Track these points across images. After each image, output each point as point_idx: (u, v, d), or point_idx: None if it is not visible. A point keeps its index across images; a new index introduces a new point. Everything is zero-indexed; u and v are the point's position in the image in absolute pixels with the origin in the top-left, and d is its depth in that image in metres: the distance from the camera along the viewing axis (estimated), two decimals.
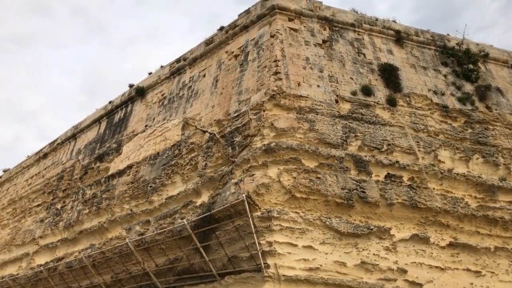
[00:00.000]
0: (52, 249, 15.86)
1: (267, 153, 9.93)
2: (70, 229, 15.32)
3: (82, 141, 18.44)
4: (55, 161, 19.49)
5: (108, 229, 13.73)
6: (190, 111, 13.42)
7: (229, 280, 9.40)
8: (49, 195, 17.91)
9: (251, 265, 9.02)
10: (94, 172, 16.14)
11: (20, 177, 21.98)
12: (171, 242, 10.78)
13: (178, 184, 12.18)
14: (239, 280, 9.22)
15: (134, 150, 14.73)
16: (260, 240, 8.96)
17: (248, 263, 9.11)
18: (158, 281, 10.81)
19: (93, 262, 12.84)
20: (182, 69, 15.15)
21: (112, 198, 14.11)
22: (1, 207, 21.31)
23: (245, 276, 9.08)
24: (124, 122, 16.40)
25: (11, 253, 17.72)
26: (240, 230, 9.24)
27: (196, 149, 12.16)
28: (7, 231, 19.16)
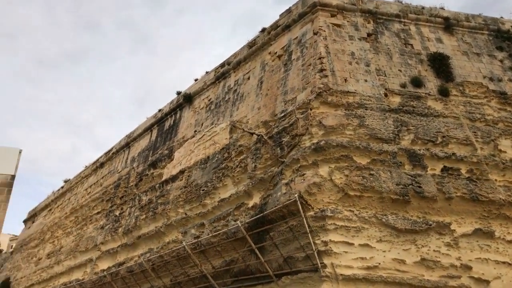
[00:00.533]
0: (113, 254, 16.55)
1: (317, 152, 9.85)
2: (129, 234, 15.91)
3: (135, 149, 19.11)
4: (111, 169, 20.34)
5: (164, 233, 14.14)
6: (237, 114, 13.56)
7: (286, 280, 9.40)
8: (107, 202, 18.71)
9: (308, 265, 8.98)
10: (148, 179, 16.67)
11: (80, 187, 23.12)
12: (226, 244, 10.94)
13: (229, 187, 12.33)
14: (296, 281, 9.20)
15: (185, 155, 15.09)
16: (315, 240, 8.90)
17: (304, 263, 9.07)
18: (216, 283, 11.00)
19: (152, 266, 13.27)
20: (227, 73, 15.34)
21: (167, 203, 14.53)
22: (64, 216, 22.52)
23: (302, 276, 9.05)
24: (174, 128, 16.84)
25: (76, 259, 18.68)
26: (294, 230, 9.23)
27: (244, 151, 12.27)
28: (71, 238, 20.21)
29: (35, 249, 24.31)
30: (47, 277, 20.82)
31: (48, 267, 21.15)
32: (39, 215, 27.25)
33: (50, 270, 20.83)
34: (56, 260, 20.56)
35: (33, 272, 22.64)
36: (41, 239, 24.23)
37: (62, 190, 25.03)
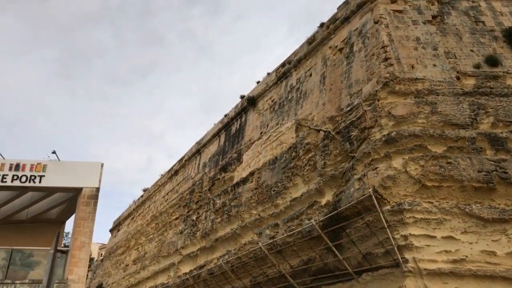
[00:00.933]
0: (193, 257, 17.18)
1: (389, 144, 9.53)
2: (206, 238, 16.43)
3: (206, 155, 19.70)
4: (185, 176, 21.13)
5: (240, 234, 14.42)
6: (301, 112, 13.51)
7: (367, 277, 9.20)
8: (184, 208, 19.47)
9: (388, 261, 8.72)
10: (220, 183, 17.10)
11: (158, 194, 24.25)
12: (302, 243, 10.93)
13: (300, 186, 12.31)
14: (377, 277, 8.97)
15: (253, 157, 15.28)
16: (394, 234, 8.62)
17: (384, 259, 8.82)
18: (295, 282, 11.02)
19: (232, 267, 13.59)
20: (288, 72, 15.33)
21: (240, 205, 14.81)
22: (146, 223, 23.76)
23: (383, 272, 8.80)
24: (241, 132, 17.13)
25: (160, 264, 19.62)
26: (371, 226, 9.00)
27: (312, 149, 12.18)
28: (154, 244, 21.26)
29: (122, 256, 25.88)
30: (135, 282, 22.08)
31: (135, 273, 22.42)
32: (123, 223, 28.97)
33: (137, 275, 22.07)
34: (141, 266, 21.74)
35: (122, 278, 24.12)
36: (126, 246, 25.75)
37: (142, 199, 26.40)
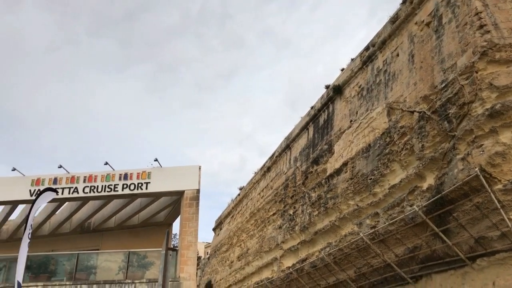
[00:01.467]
0: (294, 251, 17.32)
1: (493, 118, 8.74)
2: (305, 231, 16.47)
3: (296, 149, 19.74)
4: (277, 172, 21.38)
5: (339, 226, 14.23)
6: (392, 95, 12.92)
7: (482, 263, 8.54)
8: (280, 203, 19.71)
9: (505, 244, 8.00)
10: (313, 176, 17.02)
11: (253, 192, 24.85)
12: (405, 230, 10.47)
13: (397, 172, 11.80)
14: (494, 262, 8.28)
15: (345, 147, 14.97)
16: (509, 215, 7.89)
17: (500, 243, 8.11)
18: (402, 271, 10.60)
19: (334, 259, 13.47)
20: (373, 56, 14.76)
21: (336, 196, 14.61)
22: (245, 220, 24.48)
23: (501, 257, 8.10)
24: (329, 122, 16.88)
25: (263, 259, 20.10)
26: (482, 207, 8.33)
27: (407, 132, 11.60)
28: (255, 240, 21.83)
29: (227, 253, 26.97)
30: (241, 277, 22.88)
31: (240, 269, 23.23)
32: (224, 222, 30.17)
33: (242, 271, 22.85)
34: (245, 262, 22.46)
35: (229, 274, 25.14)
36: (229, 243, 26.78)
37: (239, 197, 27.24)
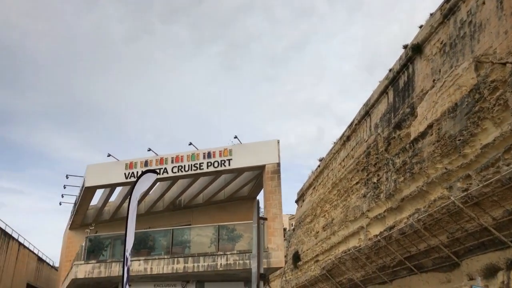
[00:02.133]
0: (381, 219, 17.02)
1: None
2: (391, 198, 16.07)
3: (375, 115, 19.11)
4: (357, 140, 20.92)
5: (427, 191, 13.69)
6: (479, 48, 11.94)
7: None
8: (362, 172, 19.35)
9: None
10: (396, 141, 16.43)
11: (334, 162, 24.61)
12: (503, 192, 9.80)
13: (490, 130, 11.00)
14: None
15: (429, 108, 14.22)
16: None
17: None
18: (502, 234, 9.99)
19: (424, 225, 13.04)
20: (455, 7, 13.66)
21: (422, 161, 14.02)
22: (327, 191, 24.43)
23: None
24: (410, 84, 16.07)
25: (349, 229, 20.02)
26: None
27: (500, 86, 10.70)
28: (339, 210, 21.76)
29: (311, 224, 27.22)
30: (327, 247, 23.03)
31: (326, 239, 23.37)
32: (306, 194, 30.35)
33: (328, 241, 22.97)
34: (331, 232, 22.52)
35: (315, 244, 25.42)
36: (313, 214, 26.97)
37: (320, 169, 27.16)
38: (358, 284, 19.68)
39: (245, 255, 15.97)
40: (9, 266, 28.33)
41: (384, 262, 16.60)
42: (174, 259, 16.85)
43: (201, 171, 18.40)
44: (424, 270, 14.46)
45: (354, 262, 19.00)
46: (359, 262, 18.56)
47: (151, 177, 6.98)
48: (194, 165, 18.33)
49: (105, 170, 20.19)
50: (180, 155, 18.65)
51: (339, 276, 21.63)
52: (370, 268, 17.85)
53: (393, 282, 16.81)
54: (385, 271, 16.85)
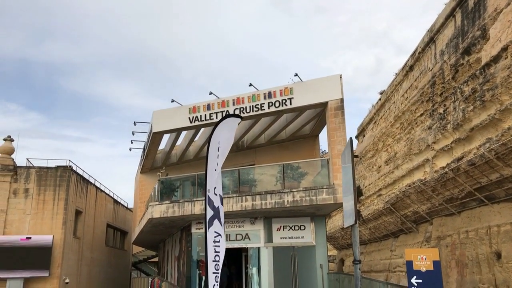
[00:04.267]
0: (448, 151, 16.56)
1: None
2: (459, 129, 15.49)
3: (441, 41, 18.02)
4: (421, 70, 19.99)
5: (500, 119, 13.03)
6: None
7: None
8: (427, 103, 18.64)
9: None
10: (465, 68, 15.54)
11: (396, 95, 23.83)
12: None
13: None
14: None
15: (503, 29, 13.17)
16: None
17: None
18: None
19: (496, 155, 12.58)
20: None
21: (494, 87, 13.24)
22: (389, 124, 23.91)
23: None
24: (481, 4, 14.86)
25: (413, 162, 19.72)
26: None
27: None
28: (402, 143, 21.36)
29: (373, 159, 27.04)
30: (391, 181, 22.94)
31: (389, 173, 23.23)
32: (367, 129, 29.90)
33: (391, 175, 22.84)
34: (394, 166, 22.31)
35: (377, 179, 25.38)
36: (375, 149, 26.70)
37: (380, 102, 26.46)
38: (423, 217, 19.68)
39: (311, 192, 16.36)
40: (90, 208, 30.97)
41: (452, 194, 16.36)
42: (242, 197, 17.63)
43: (262, 111, 18.61)
44: (496, 201, 14.13)
45: (419, 195, 18.88)
46: (424, 195, 18.42)
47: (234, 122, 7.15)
48: (255, 106, 18.56)
49: (170, 115, 20.99)
50: (241, 97, 18.90)
51: (404, 209, 21.67)
52: (437, 200, 17.70)
53: (461, 213, 16.62)
54: (453, 203, 16.65)
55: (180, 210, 19.05)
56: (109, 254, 35.87)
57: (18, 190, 25.47)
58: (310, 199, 16.48)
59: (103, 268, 33.77)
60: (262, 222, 19.41)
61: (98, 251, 32.76)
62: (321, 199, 16.63)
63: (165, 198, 20.00)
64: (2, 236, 24.29)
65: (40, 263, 23.90)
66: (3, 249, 23.78)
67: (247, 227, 19.51)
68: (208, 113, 19.75)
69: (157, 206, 19.67)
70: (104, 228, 34.55)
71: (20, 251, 23.87)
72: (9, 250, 23.84)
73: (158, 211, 19.52)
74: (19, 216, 25.12)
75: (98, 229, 32.94)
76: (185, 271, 21.38)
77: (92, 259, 31.33)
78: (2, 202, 25.01)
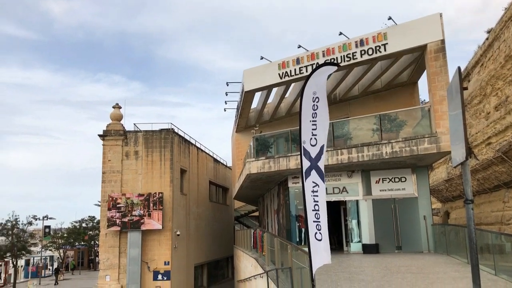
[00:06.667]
0: None
1: None
2: None
3: None
4: None
5: None
6: None
7: None
8: None
9: None
10: None
11: (506, 32, 21.27)
12: None
13: None
14: None
15: None
16: None
17: None
18: None
19: None
20: None
21: None
22: (499, 66, 21.55)
23: None
24: None
25: None
26: None
27: None
28: None
29: (480, 105, 24.80)
30: (502, 128, 20.93)
31: (499, 119, 21.18)
32: (472, 73, 27.33)
33: (502, 121, 20.81)
34: (506, 111, 20.27)
35: (486, 126, 23.31)
36: (482, 94, 24.40)
37: (488, 42, 23.85)
38: None
39: (411, 142, 15.58)
40: (193, 167, 32.94)
41: None
42: (337, 150, 17.39)
43: (354, 61, 17.83)
44: None
45: None
46: None
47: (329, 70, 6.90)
48: (346, 55, 17.83)
49: (260, 73, 21.10)
50: (331, 47, 18.24)
51: None
52: None
53: None
54: None
55: (275, 166, 19.42)
56: (213, 209, 38.16)
57: (129, 152, 27.86)
58: (410, 149, 15.69)
59: (208, 222, 36.12)
60: (359, 175, 19.08)
61: (203, 206, 35.01)
62: (423, 148, 15.74)
63: (260, 154, 20.48)
64: (119, 193, 27.02)
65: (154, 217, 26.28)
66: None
67: (344, 181, 19.34)
68: (297, 67, 19.44)
69: (254, 162, 20.26)
70: (207, 185, 36.64)
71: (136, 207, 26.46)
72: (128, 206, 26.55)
73: (255, 167, 20.11)
74: (132, 175, 27.59)
75: (202, 186, 35.03)
76: (284, 223, 22.02)
77: (198, 213, 33.61)
78: (117, 164, 27.60)
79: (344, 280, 11.18)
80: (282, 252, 11.92)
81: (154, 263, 26.15)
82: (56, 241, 57.29)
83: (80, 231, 59.03)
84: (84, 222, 60.81)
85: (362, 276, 12.17)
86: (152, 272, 25.95)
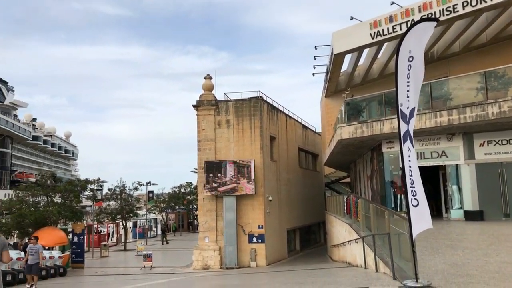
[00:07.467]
0: None
1: None
2: None
3: None
4: None
5: None
6: None
7: None
8: None
9: None
10: None
11: None
12: None
13: None
14: None
15: None
16: None
17: None
18: None
19: None
20: None
21: None
22: None
23: None
24: None
25: None
26: None
27: None
28: None
29: None
30: None
31: None
32: None
33: None
34: None
35: None
36: None
37: None
38: None
39: None
40: (282, 134, 33.22)
41: None
42: (436, 112, 16.35)
43: (455, 14, 16.34)
44: None
45: None
46: None
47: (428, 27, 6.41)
48: (446, 9, 16.38)
49: (350, 34, 20.31)
50: (428, 1, 16.87)
51: None
52: None
53: None
54: None
55: (368, 130, 18.82)
56: (303, 175, 38.38)
57: (221, 121, 28.82)
58: None
59: (299, 187, 36.49)
60: (460, 138, 17.80)
61: (293, 172, 35.35)
62: None
63: (352, 119, 19.95)
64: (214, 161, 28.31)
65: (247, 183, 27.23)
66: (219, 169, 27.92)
67: (443, 144, 18.20)
68: (391, 25, 18.32)
69: (345, 128, 19.83)
70: (296, 152, 36.81)
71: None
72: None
73: (347, 132, 19.69)
74: (225, 143, 28.61)
75: (291, 152, 35.28)
76: (379, 189, 21.47)
77: (288, 179, 34.05)
78: (211, 132, 28.77)
79: (446, 247, 10.70)
80: (377, 218, 11.70)
81: (248, 227, 27.28)
82: (159, 205, 62.14)
83: (180, 196, 63.26)
84: (182, 188, 64.99)
85: (466, 243, 11.54)
86: (247, 235, 27.11)
